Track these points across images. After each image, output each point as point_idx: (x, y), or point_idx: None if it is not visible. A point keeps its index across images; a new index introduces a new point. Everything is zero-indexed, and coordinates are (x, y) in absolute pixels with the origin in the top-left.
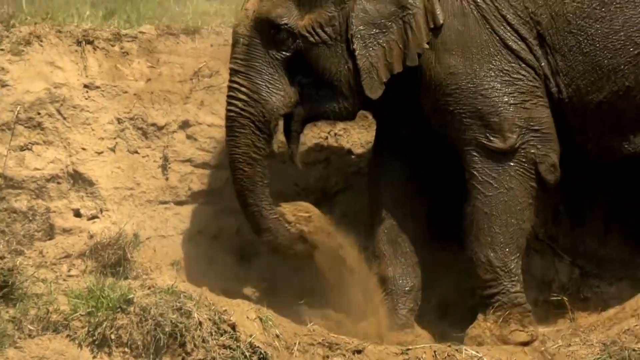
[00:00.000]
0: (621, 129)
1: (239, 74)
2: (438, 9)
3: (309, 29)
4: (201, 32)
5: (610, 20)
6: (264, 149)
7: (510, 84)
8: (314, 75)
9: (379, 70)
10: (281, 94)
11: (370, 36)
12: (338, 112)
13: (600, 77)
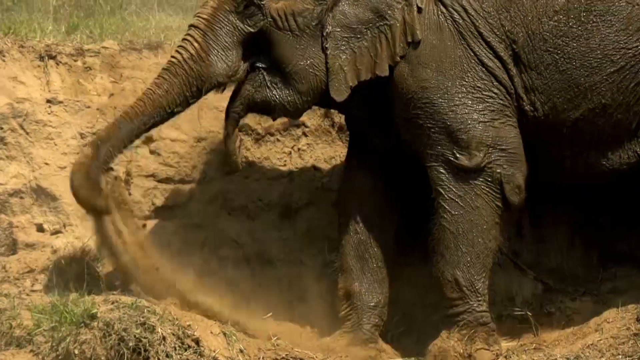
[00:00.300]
0: (598, 146)
1: (196, 29)
2: (417, 24)
3: (280, 13)
4: (164, 47)
5: (587, 38)
6: (177, 106)
7: (481, 102)
8: (271, 60)
9: (346, 74)
10: (228, 63)
11: (344, 39)
12: (285, 104)
13: (577, 95)
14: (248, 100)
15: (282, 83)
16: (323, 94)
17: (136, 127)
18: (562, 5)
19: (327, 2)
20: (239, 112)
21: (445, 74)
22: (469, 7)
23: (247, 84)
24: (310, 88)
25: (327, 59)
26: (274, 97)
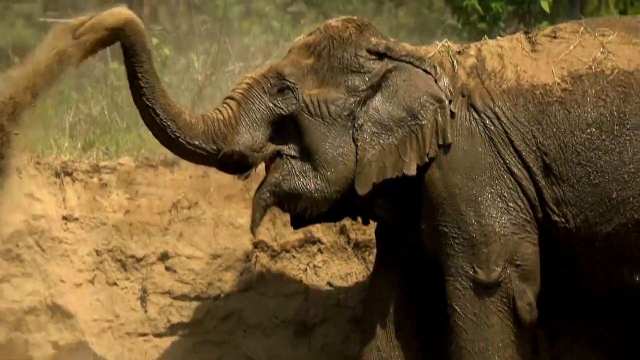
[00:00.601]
0: (630, 262)
1: (232, 100)
2: (449, 128)
3: (313, 99)
4: (180, 164)
5: (620, 152)
6: (190, 149)
7: (505, 213)
8: (301, 147)
9: (373, 170)
10: (254, 137)
11: (374, 134)
12: (313, 193)
13: (609, 209)
14: (276, 187)
15: (311, 171)
16: (352, 186)
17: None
18: (594, 119)
19: (360, 94)
20: (266, 200)
21: (475, 180)
22: (502, 115)
23: (275, 172)
24: (339, 177)
25: (357, 149)
26: (302, 186)
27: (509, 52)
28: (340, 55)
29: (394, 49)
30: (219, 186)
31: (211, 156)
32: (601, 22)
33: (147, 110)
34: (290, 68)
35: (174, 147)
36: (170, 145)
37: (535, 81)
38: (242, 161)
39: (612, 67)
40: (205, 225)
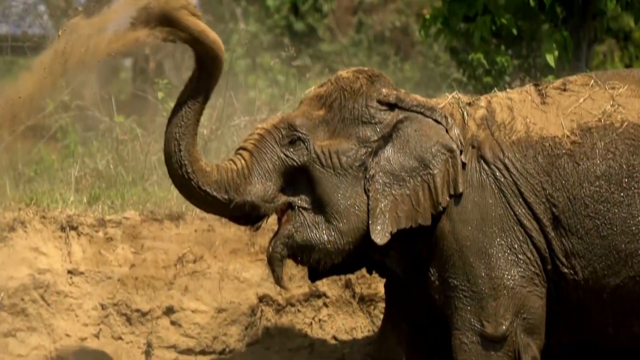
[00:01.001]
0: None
1: (245, 150)
2: (460, 177)
3: (325, 150)
4: (185, 218)
5: (629, 205)
6: (200, 194)
7: (515, 265)
8: (312, 199)
9: (387, 219)
10: (266, 188)
11: (386, 184)
12: (326, 244)
13: (617, 261)
14: (289, 239)
15: (324, 223)
16: (364, 238)
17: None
18: (603, 171)
19: (372, 145)
20: (280, 253)
21: (486, 232)
22: (511, 166)
23: (288, 224)
24: (351, 228)
25: (369, 200)
26: (315, 237)
27: (519, 104)
28: (352, 106)
29: (404, 99)
30: (224, 240)
31: (223, 205)
32: (611, 75)
33: (172, 142)
34: (302, 119)
35: (185, 190)
36: (182, 187)
37: (545, 133)
38: (253, 212)
39: (622, 120)
40: (210, 279)
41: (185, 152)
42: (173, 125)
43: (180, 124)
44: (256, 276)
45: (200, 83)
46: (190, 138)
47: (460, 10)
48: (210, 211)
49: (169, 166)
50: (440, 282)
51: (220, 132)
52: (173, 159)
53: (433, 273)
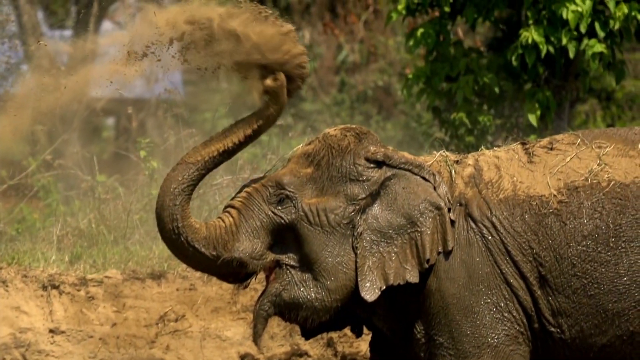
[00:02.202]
0: None
1: (233, 208)
2: (449, 235)
3: (312, 208)
4: (167, 277)
5: (616, 264)
6: (189, 251)
7: (500, 322)
8: (300, 256)
9: (375, 277)
10: (254, 245)
11: (374, 242)
12: (314, 302)
13: (604, 320)
14: (276, 297)
15: (311, 280)
16: (352, 295)
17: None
18: (590, 231)
19: (360, 202)
20: (267, 311)
21: (472, 290)
22: (499, 225)
23: (275, 282)
24: (339, 286)
25: (357, 258)
26: (302, 295)
27: (506, 162)
28: (339, 164)
29: (392, 156)
30: (206, 299)
31: (211, 262)
32: (598, 134)
33: (167, 196)
34: (289, 177)
35: (173, 245)
36: (170, 242)
37: (532, 192)
38: (241, 269)
39: (609, 179)
40: (192, 338)
41: (179, 208)
42: (173, 180)
43: (180, 180)
44: (238, 335)
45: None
46: (187, 196)
47: (442, 70)
48: (198, 268)
49: (160, 220)
50: (425, 340)
51: (203, 191)
52: (165, 212)
53: (419, 330)
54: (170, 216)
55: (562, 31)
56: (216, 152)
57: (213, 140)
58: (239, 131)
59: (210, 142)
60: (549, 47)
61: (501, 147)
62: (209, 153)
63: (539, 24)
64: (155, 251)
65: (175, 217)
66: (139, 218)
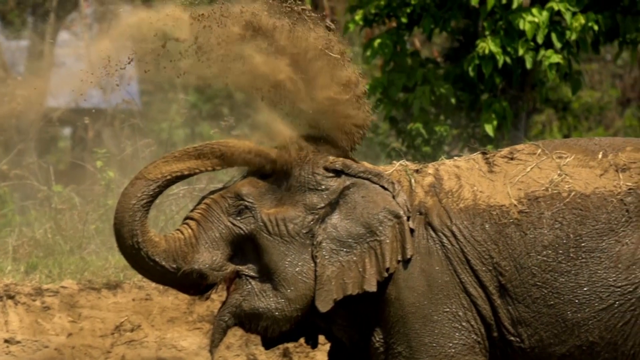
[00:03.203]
0: None
1: (192, 220)
2: (408, 243)
3: (272, 218)
4: (123, 287)
5: (576, 274)
6: (150, 265)
7: (458, 331)
8: (260, 267)
9: (333, 286)
10: (214, 256)
11: (333, 251)
12: (274, 312)
13: (564, 330)
14: (236, 308)
15: (271, 291)
16: (312, 305)
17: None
18: (550, 241)
19: (319, 212)
20: (227, 322)
21: (431, 299)
22: (459, 234)
23: (235, 293)
24: (299, 295)
25: (316, 267)
26: (262, 305)
27: (466, 172)
28: (298, 174)
29: (351, 166)
30: (161, 309)
31: (171, 275)
32: (558, 144)
33: (126, 213)
34: (248, 188)
35: (133, 260)
36: (131, 257)
37: (492, 202)
38: (201, 280)
39: (569, 190)
40: (147, 348)
41: (139, 223)
42: (132, 196)
43: (139, 196)
44: (194, 345)
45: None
46: (146, 211)
47: (399, 81)
48: (159, 281)
49: (120, 236)
50: (384, 349)
51: (159, 200)
52: (125, 229)
53: (378, 340)
54: (130, 232)
55: (519, 42)
56: (179, 173)
57: (177, 159)
58: (208, 160)
59: (174, 160)
60: (505, 58)
61: (462, 157)
62: (170, 171)
63: (496, 35)
64: (111, 261)
65: (135, 233)
66: (95, 228)
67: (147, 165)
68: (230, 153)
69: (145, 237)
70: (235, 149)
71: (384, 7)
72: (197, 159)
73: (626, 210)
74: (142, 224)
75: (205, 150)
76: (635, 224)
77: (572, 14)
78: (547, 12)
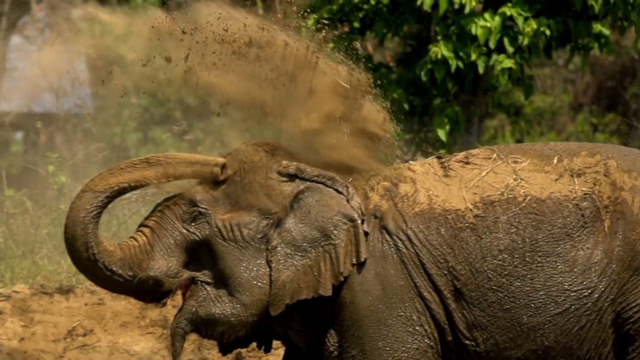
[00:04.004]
0: None
1: (146, 227)
2: (363, 247)
3: (226, 224)
4: (75, 291)
5: (532, 278)
6: (107, 275)
7: (411, 336)
8: (215, 273)
9: (286, 290)
10: (169, 263)
11: (288, 255)
12: (230, 318)
13: (519, 334)
14: (192, 315)
15: (227, 296)
16: (267, 309)
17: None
18: (506, 245)
19: (273, 216)
20: (184, 329)
21: (386, 303)
22: (414, 238)
23: (191, 299)
24: (254, 301)
25: (271, 272)
26: (218, 311)
27: (422, 176)
28: (252, 179)
29: (305, 170)
30: (114, 313)
31: (128, 283)
32: (513, 149)
33: (77, 226)
34: (202, 194)
35: (90, 272)
36: (87, 269)
37: (448, 206)
38: (157, 287)
39: (525, 194)
40: (100, 352)
41: (92, 235)
42: (81, 209)
43: (88, 208)
44: (146, 349)
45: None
46: (96, 222)
47: None
48: (115, 290)
49: (74, 250)
50: (338, 353)
51: (111, 205)
52: (79, 242)
53: (332, 343)
54: (84, 245)
55: (471, 47)
56: (126, 184)
57: (123, 171)
58: (154, 172)
59: (120, 172)
60: (458, 63)
61: (417, 161)
62: (116, 182)
63: (448, 40)
64: (63, 266)
65: (90, 245)
66: (47, 232)
67: (93, 178)
68: (175, 165)
69: (100, 247)
70: (180, 161)
71: (336, 11)
72: (143, 171)
73: (582, 215)
74: (95, 236)
75: (151, 161)
76: (590, 229)
77: (524, 19)
78: (500, 17)
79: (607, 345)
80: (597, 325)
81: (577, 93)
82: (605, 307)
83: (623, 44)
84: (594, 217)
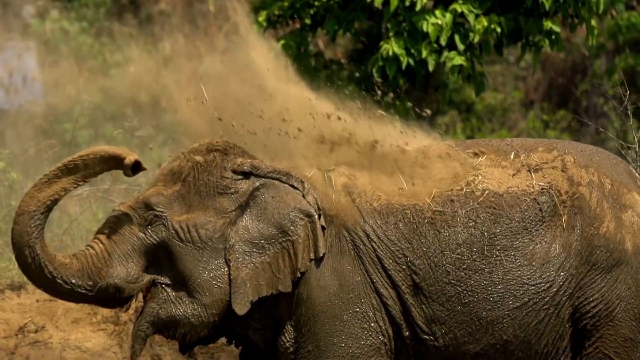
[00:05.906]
0: None
1: (102, 234)
2: (320, 241)
3: (182, 225)
4: (27, 288)
5: (490, 272)
6: (68, 288)
7: (365, 331)
8: (174, 274)
9: (248, 288)
10: (128, 269)
11: (246, 253)
12: (191, 319)
13: (478, 329)
14: (153, 317)
15: (187, 297)
16: (228, 309)
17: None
18: (464, 239)
19: (230, 215)
20: (145, 331)
21: (342, 298)
22: (372, 233)
23: (152, 302)
24: (215, 300)
25: (230, 271)
26: (179, 313)
27: None
28: (206, 178)
29: (259, 166)
30: (66, 310)
31: (89, 293)
32: (471, 144)
33: (25, 249)
34: (157, 197)
35: (50, 288)
36: (47, 286)
37: (406, 201)
38: (119, 294)
39: (483, 189)
40: (52, 349)
41: (42, 254)
42: (22, 233)
43: (29, 231)
44: (98, 346)
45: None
46: (42, 239)
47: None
48: (79, 301)
49: (29, 272)
50: (294, 349)
51: (63, 202)
52: (33, 264)
53: (288, 339)
54: (38, 266)
55: (422, 43)
56: (56, 196)
57: (48, 184)
58: (76, 174)
59: (45, 185)
60: (409, 59)
61: None
62: (46, 197)
63: (400, 36)
64: (14, 262)
65: (44, 264)
66: None
67: (23, 198)
68: (92, 164)
69: (55, 264)
70: (96, 160)
71: (287, 8)
72: (66, 177)
73: (540, 209)
74: (45, 254)
75: (69, 166)
76: (548, 224)
77: (475, 16)
78: (451, 14)
79: (565, 339)
80: (555, 319)
81: (528, 90)
82: (564, 301)
83: (573, 41)
84: (552, 211)
